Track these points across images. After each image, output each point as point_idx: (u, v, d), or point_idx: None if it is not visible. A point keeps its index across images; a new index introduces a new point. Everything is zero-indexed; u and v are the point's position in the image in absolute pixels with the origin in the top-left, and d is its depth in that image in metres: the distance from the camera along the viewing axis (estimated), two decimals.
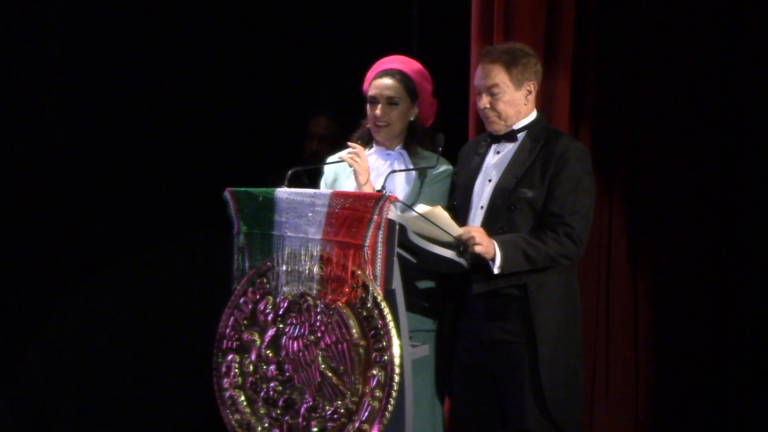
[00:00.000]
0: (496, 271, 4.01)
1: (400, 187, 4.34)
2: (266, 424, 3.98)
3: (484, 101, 4.16)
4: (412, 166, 4.34)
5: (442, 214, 3.97)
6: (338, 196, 3.85)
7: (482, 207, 4.16)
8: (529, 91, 4.18)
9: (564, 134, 4.28)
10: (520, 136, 4.19)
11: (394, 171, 4.26)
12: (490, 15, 4.75)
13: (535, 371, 4.06)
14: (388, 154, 4.41)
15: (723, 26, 4.83)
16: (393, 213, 3.78)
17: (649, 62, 4.90)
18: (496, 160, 4.20)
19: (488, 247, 3.99)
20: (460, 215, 4.19)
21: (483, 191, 4.19)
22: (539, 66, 4.23)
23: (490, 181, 4.19)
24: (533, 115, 4.22)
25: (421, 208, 3.94)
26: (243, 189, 4.03)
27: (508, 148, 4.19)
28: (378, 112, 4.33)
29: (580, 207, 4.09)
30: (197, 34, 5.94)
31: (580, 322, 4.23)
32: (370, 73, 4.43)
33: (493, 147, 4.23)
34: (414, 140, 4.40)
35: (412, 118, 4.39)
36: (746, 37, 4.81)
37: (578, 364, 4.17)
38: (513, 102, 4.16)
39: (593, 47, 4.89)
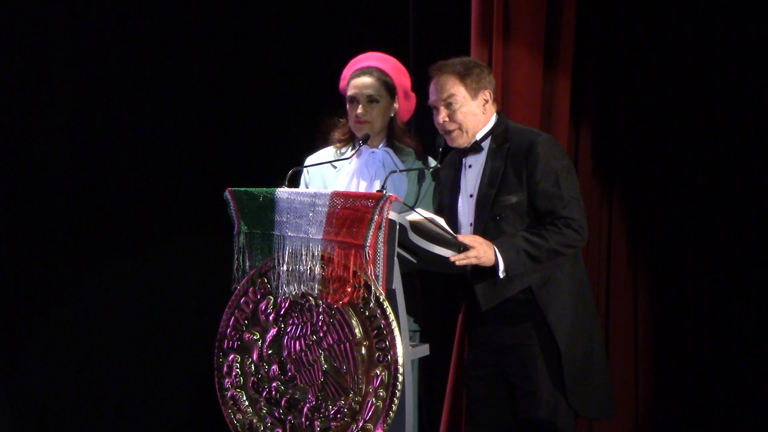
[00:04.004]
0: (501, 275, 4.02)
1: (393, 187, 4.35)
2: (269, 424, 3.99)
3: (443, 114, 4.17)
4: (400, 163, 4.36)
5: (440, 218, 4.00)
6: (338, 196, 3.85)
7: (471, 224, 4.18)
8: (485, 100, 4.19)
9: (527, 129, 4.28)
10: (485, 144, 4.19)
11: (394, 171, 4.27)
12: (490, 15, 4.75)
13: (555, 367, 4.08)
14: (373, 152, 4.42)
15: (723, 26, 4.84)
16: (393, 213, 3.79)
17: (649, 62, 4.91)
18: (470, 174, 4.21)
19: (484, 254, 3.99)
20: None
21: (466, 208, 4.20)
22: (492, 76, 4.25)
23: (471, 196, 4.20)
24: (493, 120, 4.22)
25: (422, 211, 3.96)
26: (243, 189, 4.03)
27: (479, 159, 4.20)
28: (359, 110, 4.37)
29: (569, 196, 4.09)
30: (198, 33, 5.93)
31: (592, 304, 4.26)
32: (347, 71, 4.46)
33: (464, 161, 4.24)
34: (395, 136, 4.42)
35: (392, 114, 4.41)
36: (746, 37, 4.82)
37: (591, 347, 4.18)
38: (470, 113, 4.16)
39: (593, 47, 4.89)
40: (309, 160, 4.54)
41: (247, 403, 4.02)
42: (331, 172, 4.47)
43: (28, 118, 5.72)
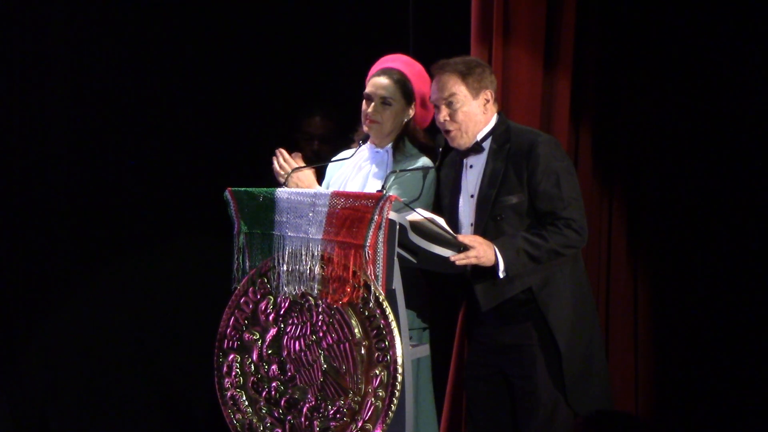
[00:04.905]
0: (501, 275, 4.02)
1: (373, 183, 4.35)
2: (268, 424, 3.99)
3: (443, 113, 4.17)
4: (392, 165, 4.36)
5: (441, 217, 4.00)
6: (338, 196, 3.86)
7: (471, 224, 4.18)
8: (486, 99, 4.20)
9: (528, 129, 4.29)
10: (486, 144, 4.20)
11: (394, 171, 4.27)
12: (490, 15, 4.75)
13: (555, 367, 4.09)
14: (377, 152, 4.42)
15: (723, 26, 4.84)
16: (393, 213, 3.80)
17: (649, 62, 4.91)
18: (471, 175, 4.22)
19: (484, 254, 3.99)
20: None
21: (467, 209, 4.21)
22: (493, 76, 4.26)
23: (472, 196, 4.20)
24: (494, 120, 4.23)
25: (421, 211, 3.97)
26: (243, 189, 4.04)
27: (480, 160, 4.21)
28: (370, 109, 4.36)
29: (569, 196, 4.10)
30: (196, 33, 5.94)
31: (592, 305, 4.28)
32: (373, 70, 4.46)
33: (465, 162, 4.25)
34: (411, 140, 4.41)
35: (406, 119, 4.40)
36: (746, 37, 4.82)
37: (591, 347, 4.20)
38: (471, 112, 4.17)
39: (593, 47, 4.89)
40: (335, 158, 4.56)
41: (246, 403, 4.02)
42: (339, 170, 4.48)
43: (28, 118, 5.73)
